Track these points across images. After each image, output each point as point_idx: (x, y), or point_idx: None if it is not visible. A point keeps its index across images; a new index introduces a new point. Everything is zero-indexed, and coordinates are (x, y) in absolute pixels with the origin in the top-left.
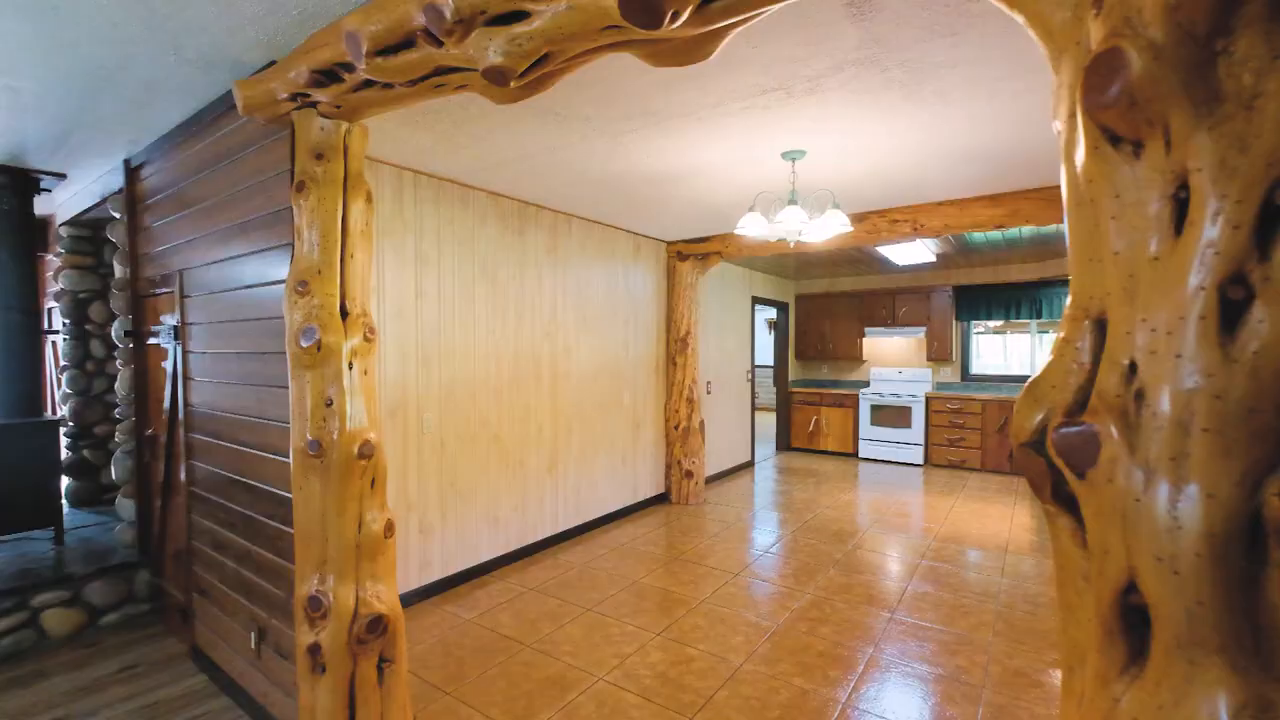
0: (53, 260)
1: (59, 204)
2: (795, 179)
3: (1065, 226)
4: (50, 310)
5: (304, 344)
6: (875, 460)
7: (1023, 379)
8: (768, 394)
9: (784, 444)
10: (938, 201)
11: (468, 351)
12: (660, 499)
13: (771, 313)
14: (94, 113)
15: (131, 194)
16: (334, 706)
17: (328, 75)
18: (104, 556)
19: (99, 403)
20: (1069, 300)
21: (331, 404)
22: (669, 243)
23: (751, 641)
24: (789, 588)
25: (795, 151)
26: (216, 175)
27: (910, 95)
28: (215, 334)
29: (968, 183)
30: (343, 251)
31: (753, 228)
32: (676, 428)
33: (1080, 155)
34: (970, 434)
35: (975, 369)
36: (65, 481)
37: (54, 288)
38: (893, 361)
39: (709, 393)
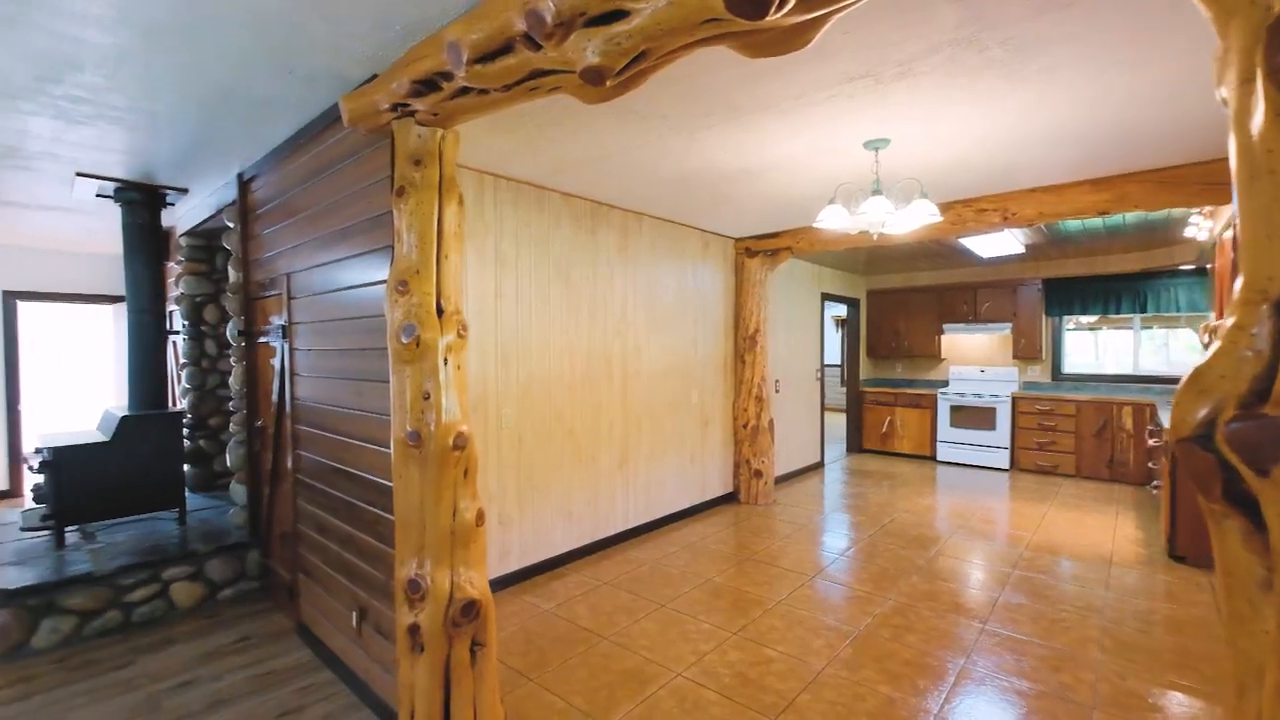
0: (172, 268)
1: (179, 216)
2: (878, 168)
3: (1235, 203)
4: (170, 313)
5: (404, 340)
6: (954, 464)
7: (1124, 379)
8: (834, 394)
9: (854, 445)
10: (1030, 188)
11: (543, 349)
12: (728, 498)
13: (839, 310)
14: (214, 131)
15: (243, 205)
16: (431, 685)
17: (426, 85)
18: (220, 537)
19: (212, 397)
20: (1240, 283)
21: (429, 397)
22: (737, 240)
23: (832, 646)
24: (869, 593)
25: (879, 140)
26: (319, 185)
27: (1011, 75)
28: (318, 332)
29: (1067, 167)
30: (438, 252)
31: (834, 220)
32: (745, 426)
33: (1258, 122)
34: (1063, 437)
35: (1067, 367)
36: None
37: (174, 292)
38: (974, 360)
39: (777, 391)
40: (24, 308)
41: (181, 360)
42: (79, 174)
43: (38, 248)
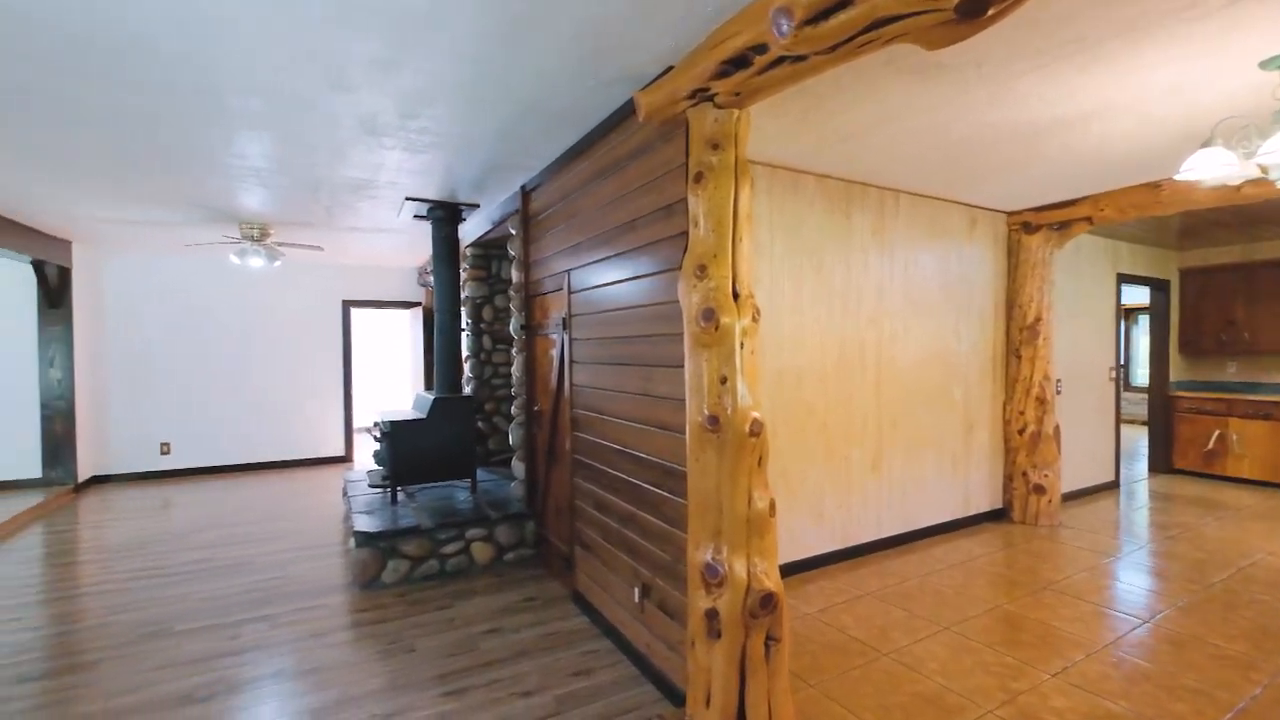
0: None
1: (465, 232)
2: None
3: None
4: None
5: (703, 324)
6: None
7: None
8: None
9: (1161, 464)
10: None
11: (796, 339)
12: (996, 515)
13: (1137, 296)
14: (508, 148)
15: (525, 213)
16: (728, 672)
17: (735, 63)
18: (503, 506)
19: (487, 385)
20: None
21: (726, 381)
22: (1011, 214)
23: (1206, 715)
24: (1246, 654)
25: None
26: (602, 185)
27: None
28: (600, 322)
29: None
30: (734, 236)
31: (1212, 167)
32: (1021, 432)
33: None
34: None
35: None
36: None
37: (461, 295)
38: None
39: (1058, 393)
40: (353, 313)
41: (465, 354)
42: (407, 198)
43: (362, 264)
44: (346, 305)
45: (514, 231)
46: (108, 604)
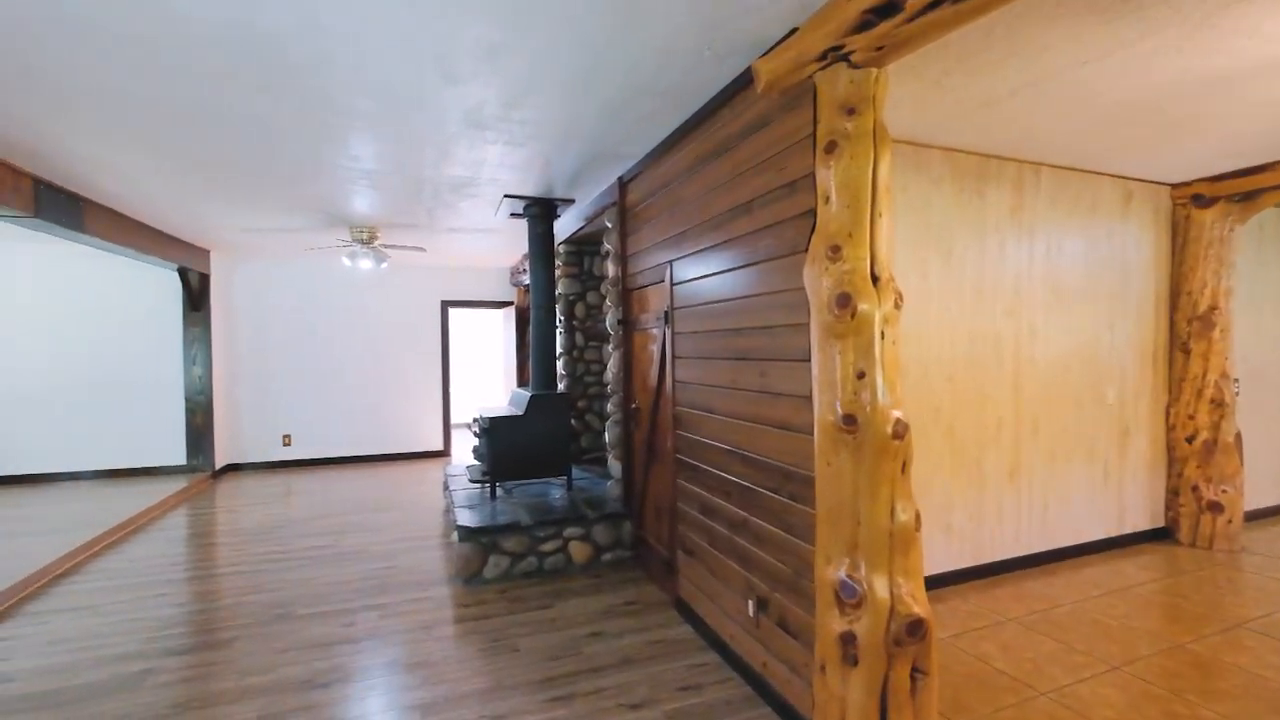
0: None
1: (557, 229)
2: None
3: None
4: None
5: (836, 312)
6: None
7: None
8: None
9: None
10: None
11: (919, 331)
12: (1158, 535)
13: None
14: (608, 138)
15: (622, 205)
16: (867, 705)
17: (881, 11)
18: (600, 505)
19: (580, 382)
20: None
21: (864, 376)
22: (1176, 186)
23: None
24: None
25: None
26: (710, 168)
27: None
28: (707, 314)
29: None
30: (872, 211)
31: None
32: (1190, 440)
33: None
34: None
35: None
36: None
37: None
38: None
39: (1236, 394)
40: (451, 313)
41: (558, 351)
42: (505, 195)
43: (460, 266)
44: (445, 305)
45: (610, 225)
46: (241, 584)
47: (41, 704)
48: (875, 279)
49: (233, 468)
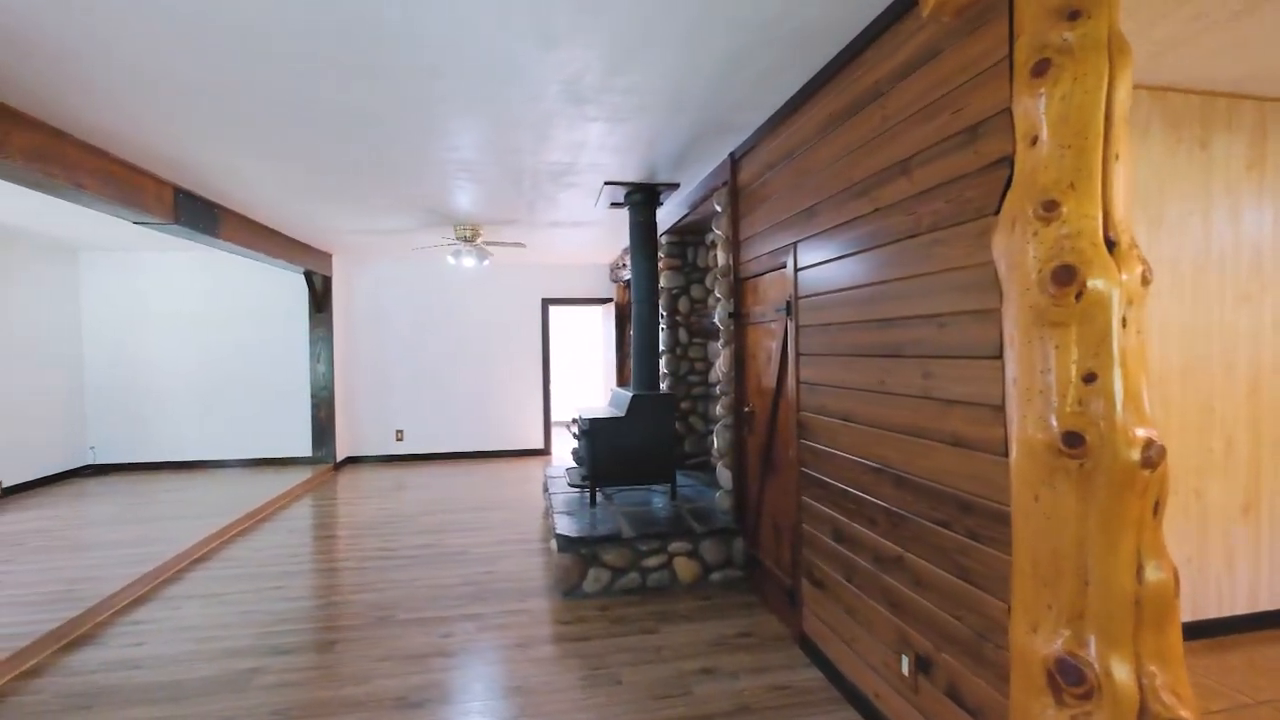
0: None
1: (659, 218)
2: None
3: None
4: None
5: (1053, 290)
6: None
7: None
8: None
9: None
10: None
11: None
12: None
13: None
14: (725, 100)
15: (734, 185)
16: None
17: None
18: (708, 518)
19: (684, 382)
20: None
21: (1094, 380)
22: None
23: None
24: None
25: None
26: (845, 128)
27: None
28: (844, 302)
29: None
30: (1105, 151)
31: None
32: None
33: None
34: None
35: None
36: None
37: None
38: None
39: None
40: (550, 310)
41: (661, 348)
42: (606, 183)
43: (559, 264)
44: (545, 303)
45: (719, 209)
46: (349, 581)
47: (158, 697)
48: (1111, 245)
49: (352, 460)
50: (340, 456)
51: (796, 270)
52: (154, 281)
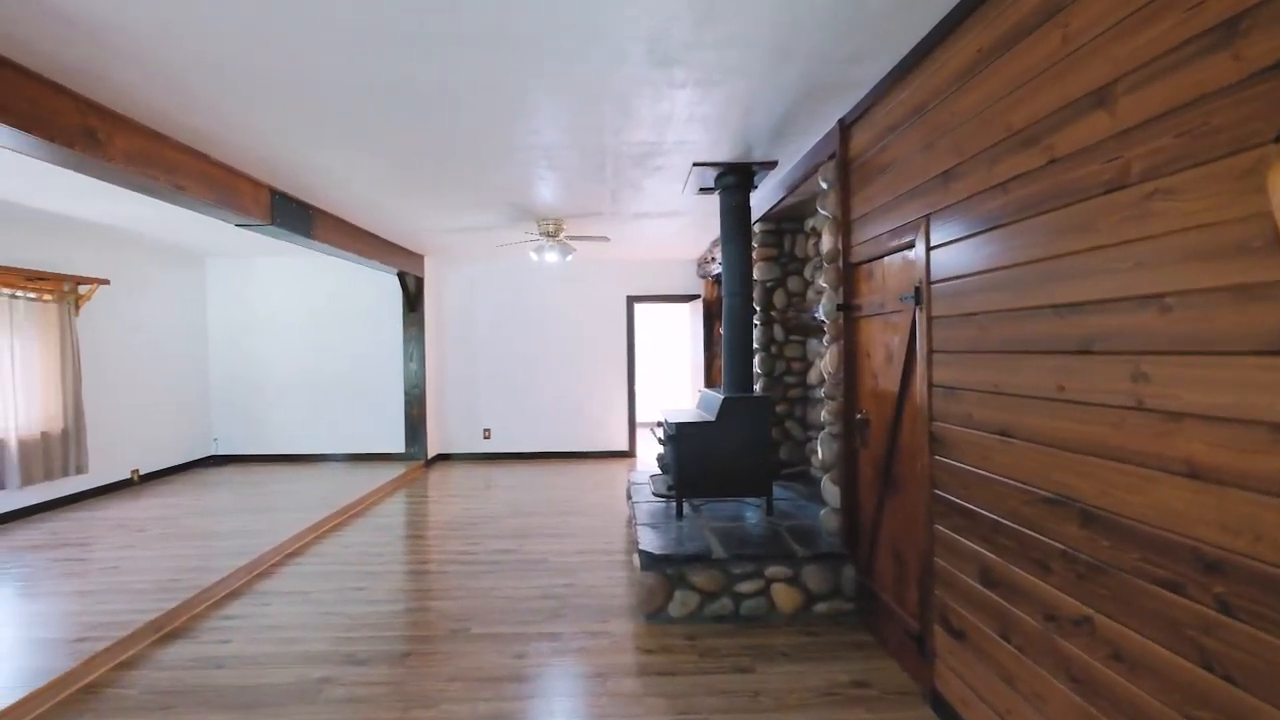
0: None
1: (753, 204)
2: None
3: None
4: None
5: None
6: None
7: None
8: None
9: None
10: None
11: None
12: None
13: None
14: (838, 51)
15: (844, 156)
16: None
17: None
18: (811, 540)
19: (779, 384)
20: None
21: None
22: None
23: None
24: None
25: None
26: (997, 67)
27: None
28: (999, 285)
29: None
30: None
31: None
32: None
33: None
34: None
35: None
36: None
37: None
38: None
39: None
40: (636, 308)
41: (754, 346)
42: (695, 164)
43: (645, 259)
44: (630, 300)
45: (825, 185)
46: (428, 586)
47: (233, 703)
48: None
49: (443, 457)
50: (431, 453)
51: (928, 249)
52: (267, 285)
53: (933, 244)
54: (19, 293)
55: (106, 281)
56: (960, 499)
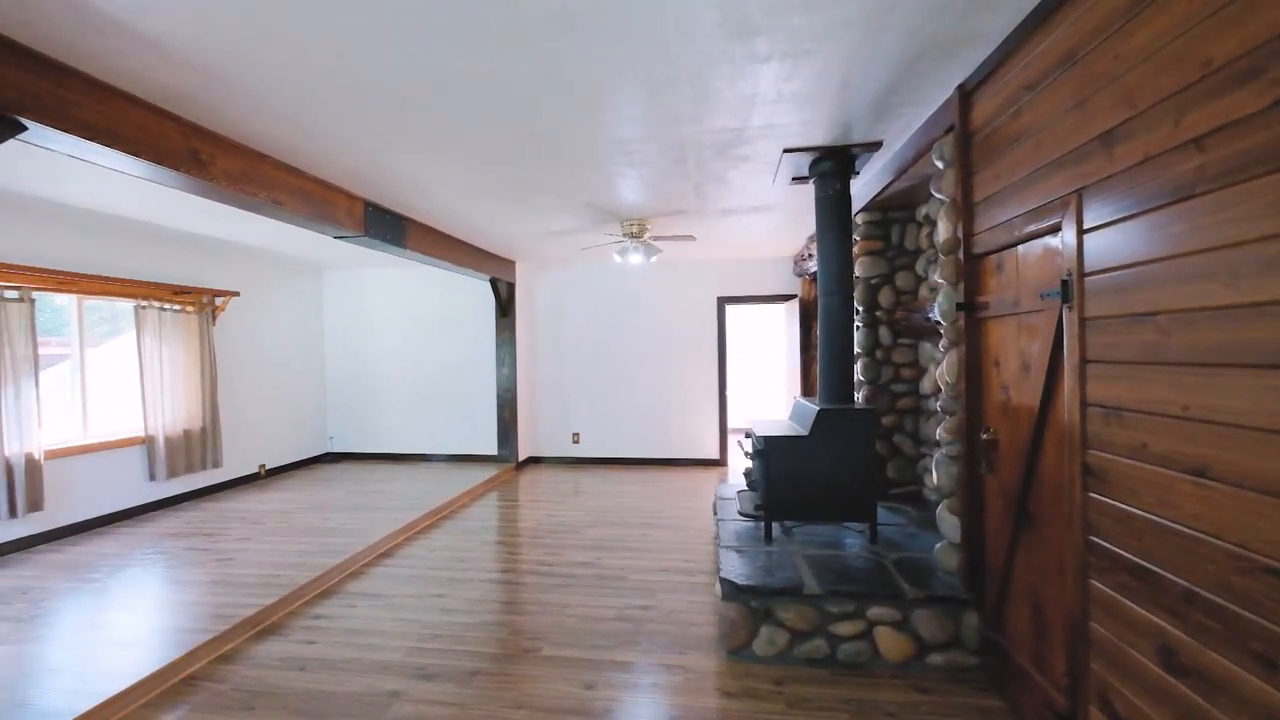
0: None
1: (854, 194)
2: None
3: None
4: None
5: None
6: None
7: None
8: None
9: None
10: None
11: None
12: None
13: None
14: (947, 10)
15: (964, 128)
16: None
17: None
18: (924, 578)
19: (886, 392)
20: None
21: None
22: None
23: None
24: None
25: None
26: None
27: None
28: (1189, 277)
29: None
30: None
31: None
32: None
33: None
34: None
35: None
36: None
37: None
38: None
39: None
40: (727, 310)
41: (856, 350)
42: (785, 150)
43: (736, 258)
44: (721, 302)
45: (940, 164)
46: (504, 598)
47: (307, 709)
48: None
49: (533, 460)
50: (522, 456)
51: (1080, 233)
52: (375, 295)
53: (1086, 226)
54: (167, 305)
55: (237, 294)
56: (1129, 552)
